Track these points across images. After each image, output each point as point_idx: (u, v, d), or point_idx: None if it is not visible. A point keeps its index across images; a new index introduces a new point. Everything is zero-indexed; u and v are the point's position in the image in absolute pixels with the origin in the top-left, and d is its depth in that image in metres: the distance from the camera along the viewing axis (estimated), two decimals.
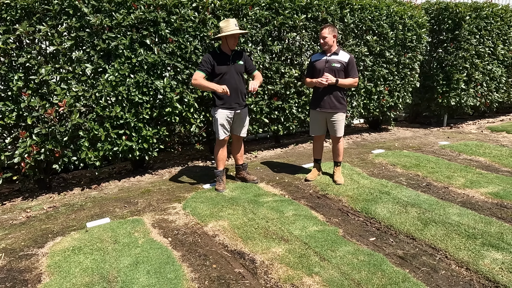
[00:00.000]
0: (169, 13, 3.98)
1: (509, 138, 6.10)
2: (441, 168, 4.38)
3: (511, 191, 3.60)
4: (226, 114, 3.68)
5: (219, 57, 3.60)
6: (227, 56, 3.62)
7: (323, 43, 3.65)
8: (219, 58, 3.60)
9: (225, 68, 3.60)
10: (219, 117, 3.67)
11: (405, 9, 5.76)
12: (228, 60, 3.62)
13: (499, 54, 6.92)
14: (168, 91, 4.09)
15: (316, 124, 3.93)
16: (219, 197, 3.61)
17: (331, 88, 3.71)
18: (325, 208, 3.40)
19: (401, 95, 6.16)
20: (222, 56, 3.61)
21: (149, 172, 4.59)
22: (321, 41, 3.67)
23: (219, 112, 3.67)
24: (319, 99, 3.78)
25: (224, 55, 3.61)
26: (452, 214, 3.10)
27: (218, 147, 3.83)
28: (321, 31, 3.66)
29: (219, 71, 3.60)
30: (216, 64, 3.58)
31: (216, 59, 3.58)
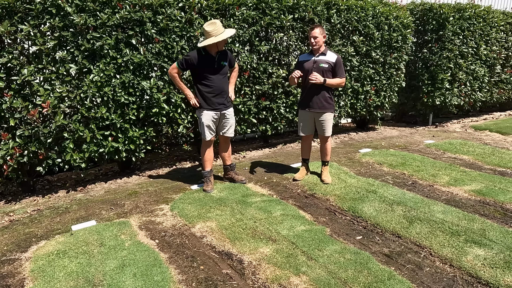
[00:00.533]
0: (155, 13, 3.94)
1: (491, 137, 6.25)
2: (426, 166, 4.45)
3: (493, 189, 3.68)
4: (211, 115, 3.67)
5: (204, 59, 3.55)
6: (212, 58, 3.56)
7: (314, 43, 3.65)
8: (203, 59, 3.54)
9: (209, 70, 3.57)
10: (204, 119, 3.66)
11: (390, 10, 5.84)
12: (214, 62, 3.58)
13: (482, 54, 7.07)
14: (155, 91, 4.06)
15: (305, 124, 3.95)
16: (207, 198, 3.59)
17: (319, 88, 3.73)
18: (312, 207, 3.42)
19: (388, 94, 6.25)
20: (207, 58, 3.55)
21: (136, 174, 4.54)
22: (311, 41, 3.66)
23: (204, 114, 3.66)
24: (307, 99, 3.81)
25: (209, 56, 3.55)
26: (437, 211, 3.16)
27: (205, 147, 3.82)
28: (311, 31, 3.64)
29: (204, 73, 3.57)
30: (200, 66, 3.55)
31: (200, 60, 3.53)
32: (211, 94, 3.62)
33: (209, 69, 3.57)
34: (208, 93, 3.61)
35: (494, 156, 4.92)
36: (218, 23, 3.42)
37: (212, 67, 3.57)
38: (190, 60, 3.52)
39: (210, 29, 3.38)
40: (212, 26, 3.39)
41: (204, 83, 3.60)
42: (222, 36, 3.39)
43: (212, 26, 3.39)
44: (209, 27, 3.40)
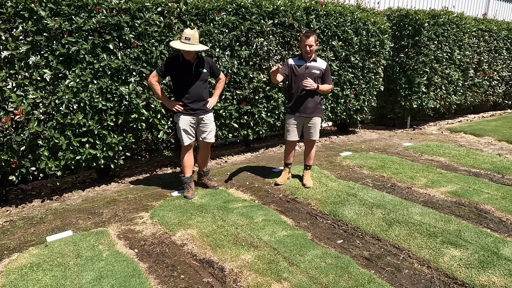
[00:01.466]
0: (133, 17, 3.88)
1: (466, 138, 6.46)
2: (405, 169, 4.55)
3: (468, 190, 3.80)
4: (188, 120, 3.64)
5: (181, 65, 3.54)
6: (190, 64, 3.54)
7: (309, 50, 3.68)
8: (181, 65, 3.54)
9: (187, 76, 3.57)
10: (182, 123, 3.63)
11: (368, 16, 5.97)
12: (191, 69, 3.57)
13: (456, 59, 7.32)
14: (134, 97, 3.99)
15: (294, 129, 3.93)
16: (188, 205, 3.55)
17: (311, 94, 3.78)
18: (294, 212, 3.43)
19: (367, 98, 6.36)
20: (184, 64, 3.54)
21: (115, 181, 4.44)
22: (306, 49, 3.67)
23: (182, 118, 3.63)
24: (299, 104, 3.82)
25: (187, 62, 3.54)
26: (415, 213, 3.23)
27: (184, 153, 3.77)
28: (307, 39, 3.64)
29: (181, 79, 3.57)
30: (177, 72, 3.55)
31: (177, 66, 3.54)
32: (188, 100, 3.61)
33: (186, 75, 3.56)
34: (185, 98, 3.60)
35: (468, 157, 5.08)
36: (195, 36, 3.43)
37: (190, 73, 3.56)
38: (169, 66, 3.53)
39: (183, 36, 3.42)
40: (186, 35, 3.40)
41: (182, 88, 3.60)
42: (188, 47, 3.39)
43: (186, 34, 3.41)
44: (183, 34, 3.42)
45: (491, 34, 8.16)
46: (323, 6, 5.39)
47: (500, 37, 8.37)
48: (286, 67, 3.82)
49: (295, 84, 3.78)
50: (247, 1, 4.62)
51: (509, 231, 2.98)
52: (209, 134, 3.83)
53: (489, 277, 2.33)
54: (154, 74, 3.56)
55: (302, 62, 3.78)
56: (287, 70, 3.81)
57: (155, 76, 3.56)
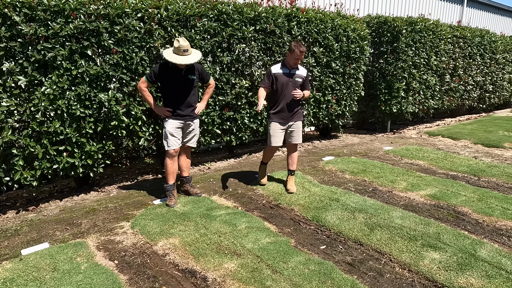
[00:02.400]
0: (112, 23, 3.82)
1: (444, 142, 6.64)
2: (386, 173, 4.63)
3: (446, 192, 3.90)
4: (175, 124, 3.63)
5: (170, 71, 3.52)
6: (179, 71, 3.54)
7: (298, 61, 3.73)
8: (169, 72, 3.52)
9: (176, 83, 3.56)
10: (169, 127, 3.60)
11: (348, 23, 6.08)
12: (180, 75, 3.56)
13: (433, 64, 7.54)
14: (114, 104, 3.91)
15: (278, 135, 3.94)
16: (170, 213, 3.49)
17: (296, 101, 3.88)
18: (277, 218, 3.42)
19: (348, 103, 6.46)
20: (173, 70, 3.52)
21: (95, 189, 4.33)
22: (297, 59, 3.70)
23: (170, 122, 3.61)
24: (283, 110, 3.86)
25: (177, 69, 3.53)
26: (396, 217, 3.28)
27: (169, 159, 3.71)
28: (303, 49, 3.64)
29: (170, 85, 3.56)
30: (167, 78, 3.53)
31: (166, 72, 3.52)
32: (177, 106, 3.61)
33: (176, 81, 3.55)
34: (174, 105, 3.60)
35: (446, 160, 5.22)
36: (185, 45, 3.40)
37: (179, 80, 3.56)
38: (159, 72, 3.51)
39: (176, 47, 3.39)
40: (178, 46, 3.38)
41: (171, 95, 3.59)
42: (182, 60, 3.38)
43: (179, 45, 3.38)
44: (175, 43, 3.39)
45: (465, 41, 8.45)
46: (304, 13, 5.46)
47: (474, 44, 8.68)
48: (268, 80, 3.84)
49: (279, 91, 3.82)
50: (229, 8, 4.63)
51: (485, 232, 3.07)
52: (193, 139, 3.84)
53: (467, 279, 2.38)
54: (144, 80, 3.54)
55: (286, 70, 3.83)
56: (269, 82, 3.84)
57: (145, 82, 3.54)
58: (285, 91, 3.80)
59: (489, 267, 2.49)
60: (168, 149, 3.64)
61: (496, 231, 3.09)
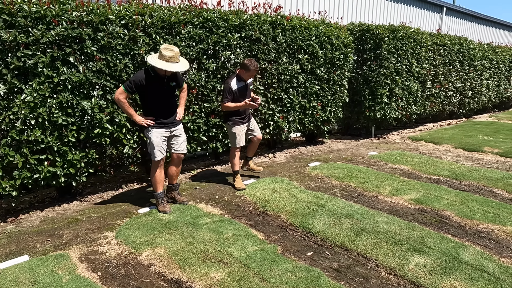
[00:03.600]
0: (95, 29, 3.77)
1: (426, 147, 6.78)
2: (371, 178, 4.69)
3: (429, 197, 3.97)
4: (161, 133, 3.58)
5: (153, 79, 3.45)
6: (162, 79, 3.49)
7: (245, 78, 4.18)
8: (152, 79, 3.45)
9: (159, 91, 3.52)
10: (154, 137, 3.55)
11: (332, 30, 6.17)
12: (163, 83, 3.52)
13: (414, 71, 7.72)
14: (97, 111, 3.85)
15: (243, 136, 4.39)
16: (155, 222, 3.44)
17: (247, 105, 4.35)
18: (264, 225, 3.41)
19: (333, 109, 6.54)
20: (156, 78, 3.46)
21: (77, 199, 4.23)
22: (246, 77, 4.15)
23: (154, 132, 3.55)
24: (244, 114, 4.34)
25: (159, 77, 3.47)
26: (381, 222, 3.31)
27: (155, 168, 3.67)
28: (256, 67, 4.10)
29: (152, 93, 3.51)
30: (149, 86, 3.46)
31: (149, 80, 3.44)
32: (160, 114, 3.56)
33: (158, 89, 3.51)
34: (157, 113, 3.55)
35: (429, 165, 5.33)
36: (176, 52, 3.35)
37: (162, 88, 3.52)
38: (139, 82, 3.40)
39: (166, 54, 3.31)
40: (169, 52, 3.32)
41: (153, 103, 3.53)
42: (173, 67, 3.34)
43: (169, 52, 3.32)
44: (166, 51, 3.32)
45: (445, 48, 8.71)
46: (288, 20, 5.52)
47: (453, 51, 8.95)
48: (229, 95, 4.15)
49: (240, 101, 4.19)
50: (214, 15, 4.64)
51: (468, 235, 3.13)
52: (182, 145, 3.82)
53: (451, 282, 2.42)
54: (122, 91, 3.37)
55: (242, 83, 4.22)
56: (231, 97, 4.17)
57: (123, 92, 3.38)
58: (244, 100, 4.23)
59: (471, 270, 2.54)
60: (155, 160, 3.59)
61: (478, 233, 3.16)
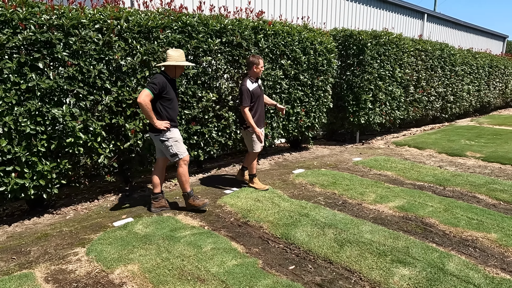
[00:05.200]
0: (67, 34, 3.59)
1: (410, 152, 6.79)
2: (355, 185, 4.61)
3: (414, 204, 3.91)
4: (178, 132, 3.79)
5: (170, 83, 3.66)
6: (174, 82, 3.77)
7: (259, 71, 4.24)
8: (170, 83, 3.66)
9: (174, 94, 3.71)
10: (177, 134, 3.73)
11: (315, 35, 6.13)
12: (175, 86, 3.79)
13: (397, 76, 7.76)
14: (69, 119, 3.66)
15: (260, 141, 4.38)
16: (130, 236, 3.26)
17: (264, 108, 4.50)
18: (245, 237, 3.28)
19: (317, 115, 6.47)
20: (172, 82, 3.69)
21: (49, 212, 4.00)
22: (260, 70, 4.23)
23: (175, 131, 3.71)
24: (261, 119, 4.39)
25: (173, 81, 3.72)
26: (365, 232, 3.22)
27: (185, 167, 3.80)
28: (260, 60, 4.19)
29: (171, 97, 3.66)
30: (169, 89, 3.63)
31: (168, 84, 3.62)
32: (174, 116, 3.74)
33: (174, 92, 3.72)
34: (173, 116, 3.72)
35: (413, 170, 5.30)
36: (181, 52, 3.67)
37: (175, 91, 3.77)
38: (164, 84, 3.56)
39: (173, 54, 3.61)
40: (175, 52, 3.63)
41: (170, 105, 3.67)
42: (182, 62, 3.66)
43: (175, 52, 3.63)
44: (172, 52, 3.63)
45: (427, 54, 8.80)
46: (271, 25, 5.44)
47: (435, 57, 9.06)
48: (249, 97, 4.19)
49: (255, 104, 4.26)
50: (193, 20, 4.52)
51: (453, 244, 3.07)
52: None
53: None
54: (149, 93, 3.47)
55: (255, 83, 4.28)
56: (250, 98, 4.21)
57: (150, 95, 3.48)
58: (259, 101, 4.32)
59: (457, 282, 2.47)
60: (183, 157, 3.73)
61: (463, 242, 3.11)
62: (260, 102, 4.33)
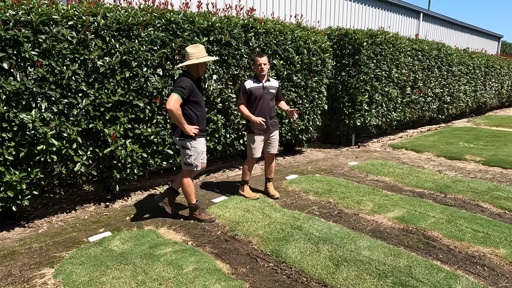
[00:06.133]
0: (36, 31, 3.28)
1: (408, 155, 6.54)
2: (351, 192, 4.35)
3: (414, 214, 3.65)
4: (204, 141, 3.53)
5: (196, 83, 3.37)
6: (199, 81, 3.50)
7: (262, 69, 3.87)
8: (196, 84, 3.37)
9: (201, 95, 3.44)
10: (201, 146, 3.45)
11: (309, 34, 5.85)
12: (200, 87, 3.51)
13: (394, 77, 7.51)
14: (40, 125, 3.34)
15: (259, 146, 4.07)
16: (105, 254, 2.95)
17: (270, 112, 4.03)
18: (232, 254, 2.99)
19: (311, 118, 6.20)
20: (197, 82, 3.41)
21: (21, 225, 3.68)
22: (261, 67, 3.86)
23: (200, 142, 3.43)
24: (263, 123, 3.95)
25: (198, 81, 3.44)
26: (363, 248, 2.95)
27: (190, 179, 3.55)
28: (260, 58, 3.85)
29: (198, 99, 3.38)
30: (196, 91, 3.36)
31: (195, 85, 3.35)
32: (203, 120, 3.48)
33: (201, 94, 3.44)
34: (202, 119, 3.45)
35: (412, 176, 5.05)
36: (201, 47, 3.36)
37: (201, 92, 3.49)
38: (191, 86, 3.28)
39: (192, 51, 3.31)
40: (194, 49, 3.32)
41: (199, 108, 3.40)
42: (204, 58, 3.33)
43: (194, 48, 3.33)
44: (191, 49, 3.33)
45: (423, 54, 8.58)
46: (262, 23, 5.15)
47: (431, 57, 8.84)
48: (244, 95, 3.92)
49: (255, 104, 3.92)
50: (178, 17, 4.21)
51: (459, 261, 2.81)
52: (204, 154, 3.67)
53: None
54: (178, 98, 3.17)
55: (258, 83, 3.95)
56: (246, 96, 3.92)
57: (179, 100, 3.19)
58: (260, 103, 3.93)
59: None
60: (196, 169, 3.47)
61: (470, 259, 2.84)
62: (262, 104, 3.93)
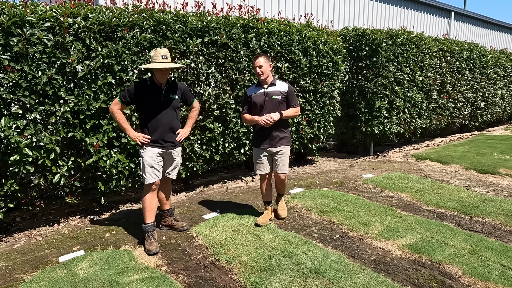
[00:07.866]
0: (7, 34, 3.06)
1: (432, 167, 5.87)
2: (360, 211, 3.82)
3: (430, 241, 3.09)
4: (156, 153, 3.08)
5: (149, 90, 3.07)
6: (159, 89, 3.10)
7: (260, 72, 3.32)
8: (148, 90, 3.07)
9: (156, 103, 3.08)
10: (147, 157, 3.05)
11: (318, 35, 5.39)
12: (160, 94, 3.10)
13: (418, 81, 6.85)
14: (12, 134, 3.11)
15: (262, 162, 3.50)
16: (67, 279, 2.64)
17: (275, 123, 3.35)
18: (206, 286, 2.58)
19: (322, 125, 5.70)
20: (152, 89, 3.08)
21: None
22: (257, 71, 3.33)
23: (148, 151, 3.09)
24: (262, 135, 3.43)
25: (156, 87, 3.09)
26: (361, 286, 2.45)
27: (146, 193, 3.13)
28: (255, 60, 3.33)
29: (149, 106, 3.08)
30: (145, 98, 3.06)
31: (144, 91, 3.05)
32: (156, 131, 3.09)
33: (156, 102, 3.08)
34: (153, 129, 3.09)
35: (433, 192, 4.44)
36: (160, 51, 3.03)
37: (159, 100, 3.09)
38: (134, 91, 3.03)
39: (151, 54, 3.08)
40: (152, 53, 3.06)
41: (149, 117, 3.09)
42: (152, 65, 2.99)
43: (153, 52, 3.06)
44: (151, 52, 3.09)
45: (453, 55, 7.83)
46: (263, 23, 4.75)
47: (462, 58, 8.07)
48: (246, 103, 3.48)
49: (257, 114, 3.38)
50: (168, 17, 3.91)
51: None
52: (174, 170, 3.34)
53: None
54: (117, 101, 3.05)
55: (260, 89, 3.39)
56: (248, 104, 3.46)
57: (118, 103, 3.04)
58: (260, 113, 3.36)
59: None
60: (147, 183, 3.11)
61: None
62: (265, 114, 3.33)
